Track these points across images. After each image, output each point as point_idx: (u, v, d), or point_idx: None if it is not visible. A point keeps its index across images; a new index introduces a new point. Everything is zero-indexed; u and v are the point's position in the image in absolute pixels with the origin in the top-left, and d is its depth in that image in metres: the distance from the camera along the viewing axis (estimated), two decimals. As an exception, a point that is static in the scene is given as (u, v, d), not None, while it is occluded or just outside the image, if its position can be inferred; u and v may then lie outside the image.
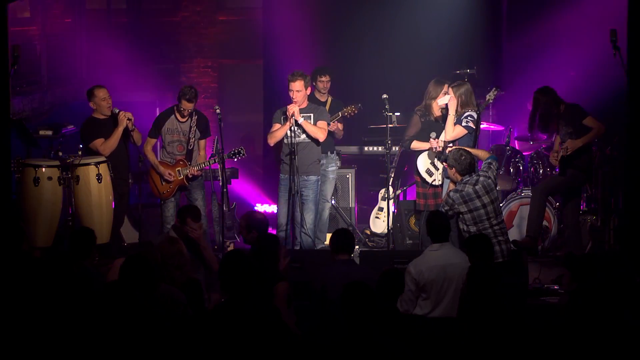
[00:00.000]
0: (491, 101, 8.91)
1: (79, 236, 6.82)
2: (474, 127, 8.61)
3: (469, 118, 8.61)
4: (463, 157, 7.81)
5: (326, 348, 5.06)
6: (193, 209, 7.90)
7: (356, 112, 9.34)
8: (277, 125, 8.93)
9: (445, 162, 8.09)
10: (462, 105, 8.64)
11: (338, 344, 5.02)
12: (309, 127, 8.81)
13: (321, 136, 8.91)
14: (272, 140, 8.92)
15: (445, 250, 6.88)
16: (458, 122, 8.63)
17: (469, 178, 7.75)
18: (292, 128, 8.74)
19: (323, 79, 9.50)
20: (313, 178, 8.93)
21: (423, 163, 8.99)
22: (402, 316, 5.89)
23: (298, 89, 8.75)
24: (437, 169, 8.95)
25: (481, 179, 7.73)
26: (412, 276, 6.69)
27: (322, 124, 8.90)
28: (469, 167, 7.79)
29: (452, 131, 8.61)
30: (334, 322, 5.70)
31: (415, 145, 9.03)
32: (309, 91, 8.95)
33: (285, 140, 8.86)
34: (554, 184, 8.85)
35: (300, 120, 8.77)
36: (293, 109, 8.71)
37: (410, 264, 6.82)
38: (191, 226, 7.59)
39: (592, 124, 8.53)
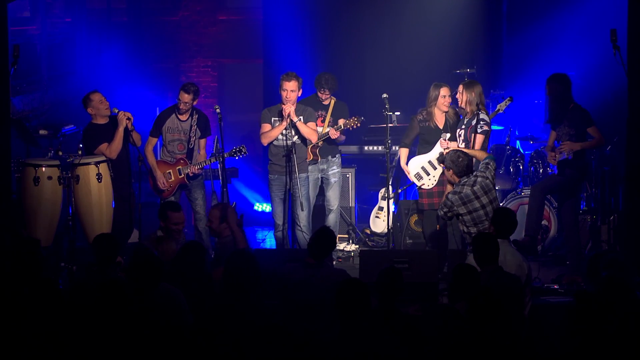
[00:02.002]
0: (501, 111, 8.89)
1: (102, 242, 6.80)
2: (489, 129, 8.60)
3: (482, 123, 8.55)
4: (460, 159, 7.79)
5: (322, 345, 5.07)
6: (170, 203, 8.00)
7: (359, 125, 9.25)
8: (267, 126, 8.90)
9: (443, 164, 8.06)
10: (472, 104, 8.59)
11: (333, 342, 5.04)
12: (303, 128, 8.81)
13: (314, 137, 8.95)
14: (266, 140, 8.90)
15: (504, 247, 6.85)
16: (473, 130, 8.58)
17: (466, 179, 7.73)
18: (287, 128, 8.74)
19: (323, 91, 9.37)
20: (303, 176, 8.94)
21: (414, 167, 9.03)
22: (401, 315, 5.87)
23: (293, 89, 8.74)
24: (428, 174, 8.97)
25: (479, 179, 7.71)
26: None
27: (312, 125, 8.93)
28: (466, 168, 7.78)
29: (479, 144, 8.54)
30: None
31: (401, 152, 9.14)
32: (300, 92, 8.92)
33: (275, 142, 8.88)
34: (552, 183, 8.84)
35: (296, 121, 8.76)
36: (289, 109, 8.70)
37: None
38: (173, 219, 7.66)
39: (595, 134, 8.54)
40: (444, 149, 8.75)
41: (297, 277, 6.45)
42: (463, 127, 8.62)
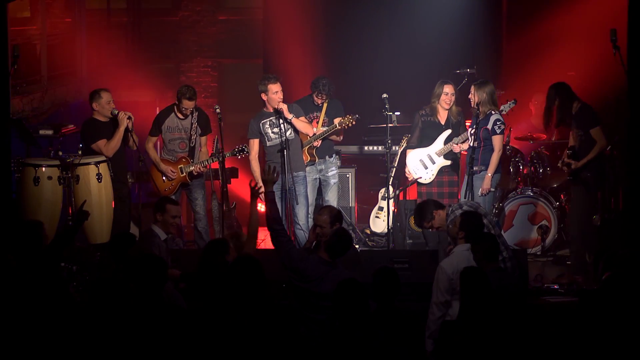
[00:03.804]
0: (504, 112, 8.90)
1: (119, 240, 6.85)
2: (504, 128, 8.64)
3: (498, 122, 8.60)
4: (424, 204, 7.62)
5: (320, 346, 5.08)
6: (167, 197, 8.16)
7: (354, 123, 9.24)
8: (255, 145, 8.93)
9: (427, 224, 7.54)
10: (484, 104, 8.62)
11: (331, 342, 5.04)
12: (298, 123, 8.85)
13: (310, 130, 9.01)
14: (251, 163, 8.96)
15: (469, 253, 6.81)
16: (492, 133, 8.59)
17: (450, 207, 7.45)
18: (282, 126, 8.75)
19: (319, 96, 9.38)
20: (302, 174, 8.97)
21: (412, 160, 9.07)
22: (399, 314, 5.87)
23: (281, 89, 8.81)
24: (426, 167, 9.00)
25: (462, 200, 7.61)
26: (449, 276, 6.51)
27: (304, 119, 9.00)
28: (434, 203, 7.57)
29: (499, 146, 8.61)
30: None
31: (408, 153, 9.24)
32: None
33: (269, 142, 8.90)
34: (578, 200, 8.80)
35: (291, 118, 8.78)
36: (282, 105, 8.75)
37: (444, 265, 6.61)
38: (172, 212, 7.67)
39: (597, 138, 8.53)
40: (459, 152, 8.92)
41: (313, 270, 6.48)
42: (475, 126, 8.62)
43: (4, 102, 7.57)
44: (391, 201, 9.37)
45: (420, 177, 9.03)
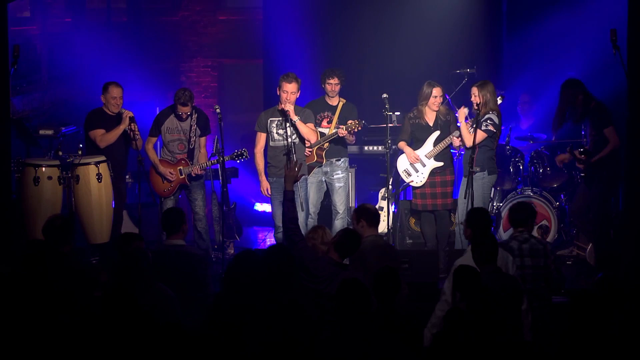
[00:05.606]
0: None
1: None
2: (494, 131, 8.63)
3: (489, 122, 8.62)
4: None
5: (320, 345, 5.09)
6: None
7: (360, 128, 9.16)
8: (262, 138, 8.87)
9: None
10: (486, 105, 8.63)
11: (331, 341, 5.05)
12: (302, 127, 8.77)
13: (313, 138, 8.92)
14: (258, 156, 8.89)
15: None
16: (478, 125, 8.59)
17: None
18: (287, 129, 8.71)
19: (331, 81, 9.24)
20: (302, 177, 8.93)
21: (402, 163, 9.08)
22: (400, 315, 5.88)
23: (293, 91, 8.69)
24: (416, 171, 8.99)
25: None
26: None
27: (311, 125, 8.89)
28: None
29: (469, 137, 8.56)
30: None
31: (401, 145, 9.18)
32: (298, 94, 8.84)
33: (272, 144, 8.86)
34: (587, 199, 8.84)
35: (296, 120, 8.73)
36: (288, 107, 8.67)
37: (459, 263, 6.53)
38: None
39: (610, 137, 8.61)
40: (457, 146, 8.91)
41: (323, 270, 6.46)
42: (474, 127, 8.63)
43: (4, 102, 7.58)
44: (391, 201, 9.37)
45: (412, 181, 9.04)
